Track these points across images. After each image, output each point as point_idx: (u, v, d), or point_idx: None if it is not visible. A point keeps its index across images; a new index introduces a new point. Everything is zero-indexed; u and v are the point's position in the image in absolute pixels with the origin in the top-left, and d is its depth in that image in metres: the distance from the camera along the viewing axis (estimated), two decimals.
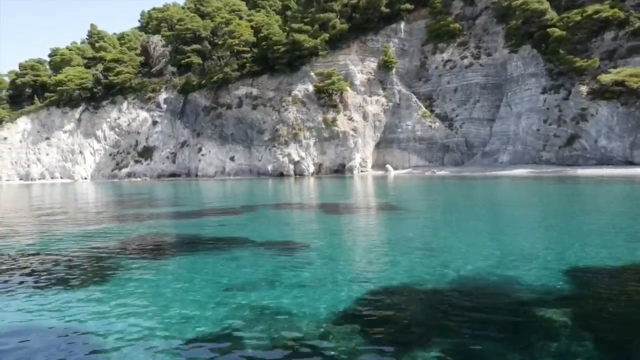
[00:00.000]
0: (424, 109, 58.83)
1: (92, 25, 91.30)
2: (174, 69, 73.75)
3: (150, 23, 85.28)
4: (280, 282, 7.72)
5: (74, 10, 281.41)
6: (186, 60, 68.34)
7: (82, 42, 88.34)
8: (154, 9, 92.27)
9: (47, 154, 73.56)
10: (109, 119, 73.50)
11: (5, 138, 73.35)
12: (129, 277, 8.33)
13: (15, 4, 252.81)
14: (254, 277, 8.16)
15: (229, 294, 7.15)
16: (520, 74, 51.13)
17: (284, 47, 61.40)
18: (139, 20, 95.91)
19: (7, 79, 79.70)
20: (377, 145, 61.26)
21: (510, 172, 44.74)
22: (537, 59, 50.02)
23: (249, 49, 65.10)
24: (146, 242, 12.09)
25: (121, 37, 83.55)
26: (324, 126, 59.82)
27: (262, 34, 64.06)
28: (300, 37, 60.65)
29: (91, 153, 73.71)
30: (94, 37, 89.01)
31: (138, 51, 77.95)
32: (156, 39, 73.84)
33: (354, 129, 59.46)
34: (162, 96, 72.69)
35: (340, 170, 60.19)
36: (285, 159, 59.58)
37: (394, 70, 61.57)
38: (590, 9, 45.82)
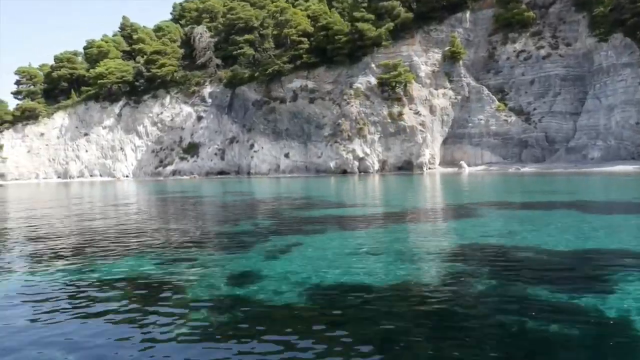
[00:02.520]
0: (497, 102, 55.50)
1: (124, 17, 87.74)
2: (219, 61, 70.33)
3: (188, 14, 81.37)
4: None
5: (98, 5, 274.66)
6: (238, 51, 64.76)
7: (115, 35, 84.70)
8: (187, 0, 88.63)
9: (86, 151, 70.00)
10: (150, 114, 69.99)
11: (42, 134, 69.75)
12: None
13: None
14: None
15: None
16: (612, 64, 47.84)
17: (345, 37, 57.98)
18: (171, 13, 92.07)
19: (40, 73, 75.92)
20: (444, 141, 57.99)
21: (609, 169, 41.38)
22: (632, 47, 46.75)
23: (305, 40, 61.54)
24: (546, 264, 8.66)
25: (158, 29, 79.84)
26: (389, 120, 56.47)
27: (320, 24, 60.56)
28: (364, 26, 57.26)
29: (132, 150, 70.18)
30: (127, 29, 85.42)
31: (178, 43, 74.49)
32: (201, 29, 70.26)
33: (422, 124, 56.10)
34: (207, 90, 69.22)
35: (405, 168, 56.82)
36: (350, 156, 56.22)
37: (461, 62, 58.28)
38: None
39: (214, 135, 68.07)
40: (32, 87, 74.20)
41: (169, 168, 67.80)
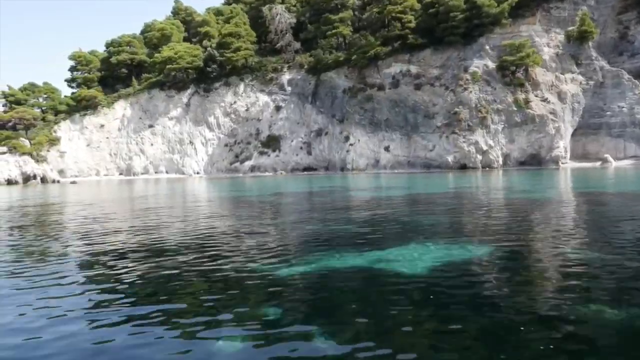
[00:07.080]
0: None
1: (176, 1, 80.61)
2: (298, 45, 63.35)
3: None
4: None
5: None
6: (333, 31, 57.70)
7: (169, 19, 77.47)
8: None
9: (152, 144, 62.78)
10: (222, 104, 62.88)
11: (102, 125, 62.50)
12: None
13: None
14: None
15: None
16: None
17: (462, 15, 51.10)
18: None
19: (96, 58, 68.47)
20: (573, 132, 51.20)
21: None
22: None
23: (409, 17, 54.61)
24: None
25: (218, 12, 72.53)
26: (514, 109, 49.62)
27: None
28: (484, 1, 50.42)
29: (202, 143, 63.02)
30: (182, 13, 78.41)
31: (247, 26, 67.33)
32: (280, 9, 63.16)
33: (552, 112, 49.27)
34: (286, 77, 62.20)
35: (530, 162, 49.96)
36: (472, 148, 49.36)
37: (590, 43, 51.54)
38: None
39: (295, 127, 61.03)
40: (87, 74, 66.85)
41: (247, 163, 60.72)
